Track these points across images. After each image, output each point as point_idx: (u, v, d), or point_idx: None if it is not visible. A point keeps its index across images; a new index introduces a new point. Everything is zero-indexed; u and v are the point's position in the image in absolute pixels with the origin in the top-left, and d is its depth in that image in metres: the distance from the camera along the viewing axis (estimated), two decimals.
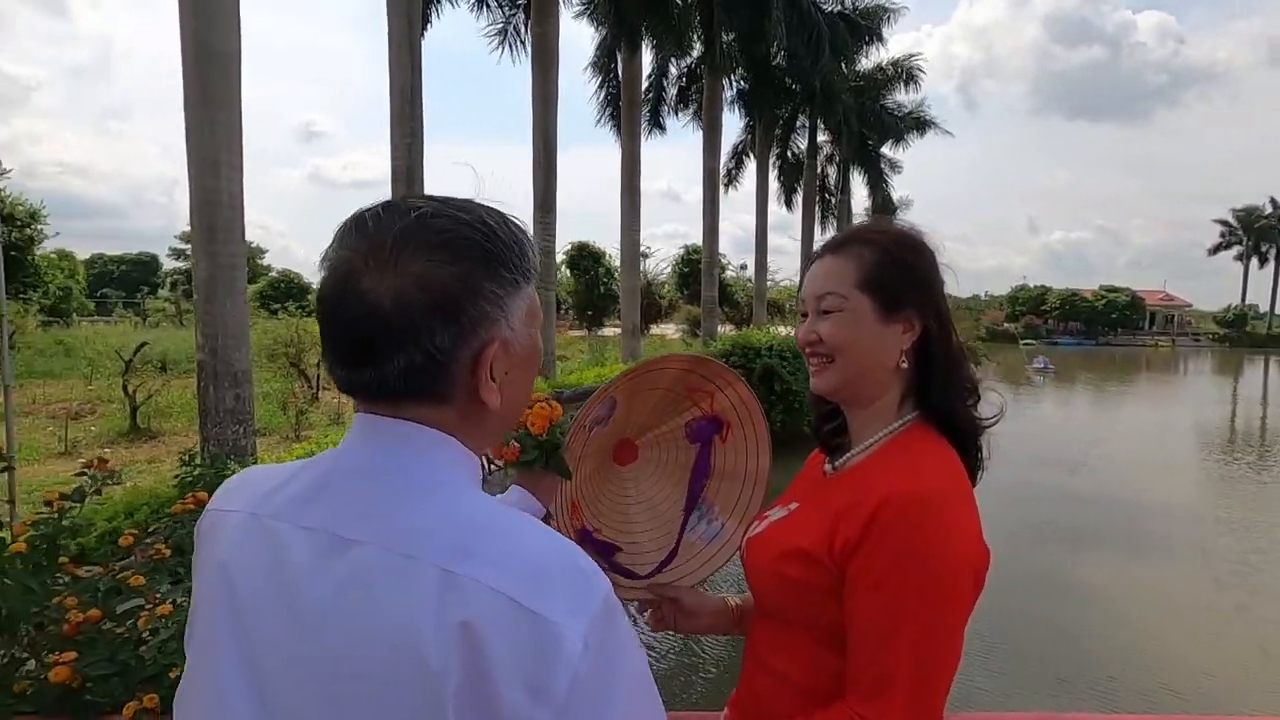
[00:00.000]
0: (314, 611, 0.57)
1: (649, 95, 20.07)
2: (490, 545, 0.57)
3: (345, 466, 0.63)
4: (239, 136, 6.75)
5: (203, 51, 6.43)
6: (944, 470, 0.90)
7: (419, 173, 9.97)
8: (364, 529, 0.58)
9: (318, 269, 0.65)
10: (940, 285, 0.97)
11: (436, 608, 0.53)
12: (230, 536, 0.64)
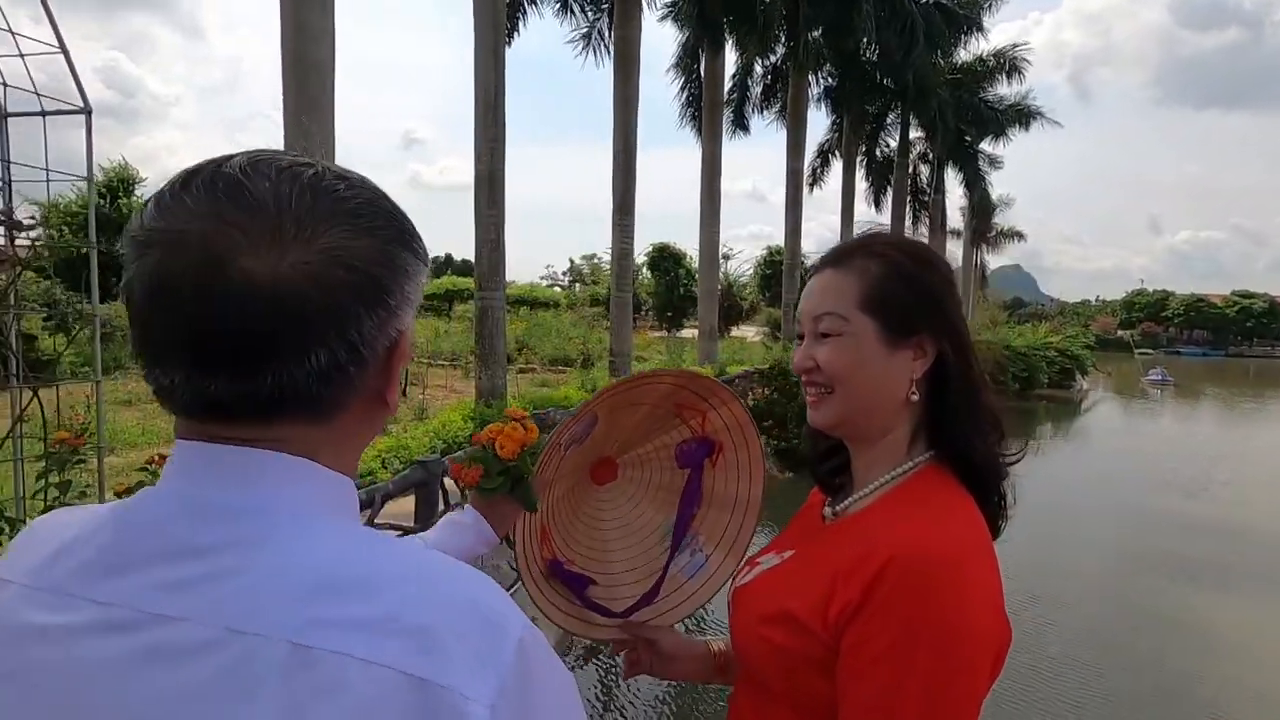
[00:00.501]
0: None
1: (732, 95, 19.83)
2: (364, 602, 0.43)
3: (164, 515, 0.47)
4: (331, 141, 7.09)
5: (299, 62, 6.80)
6: (962, 524, 0.76)
7: (500, 176, 10.21)
8: (184, 601, 0.43)
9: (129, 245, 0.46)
10: (957, 306, 0.83)
11: (280, 701, 0.40)
12: (3, 615, 0.47)
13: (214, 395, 0.46)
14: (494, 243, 10.23)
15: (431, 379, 16.18)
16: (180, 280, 0.44)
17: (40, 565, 0.47)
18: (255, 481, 0.47)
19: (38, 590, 0.46)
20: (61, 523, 0.51)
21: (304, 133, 6.83)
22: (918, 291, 0.81)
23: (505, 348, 10.89)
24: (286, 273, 0.44)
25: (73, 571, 0.46)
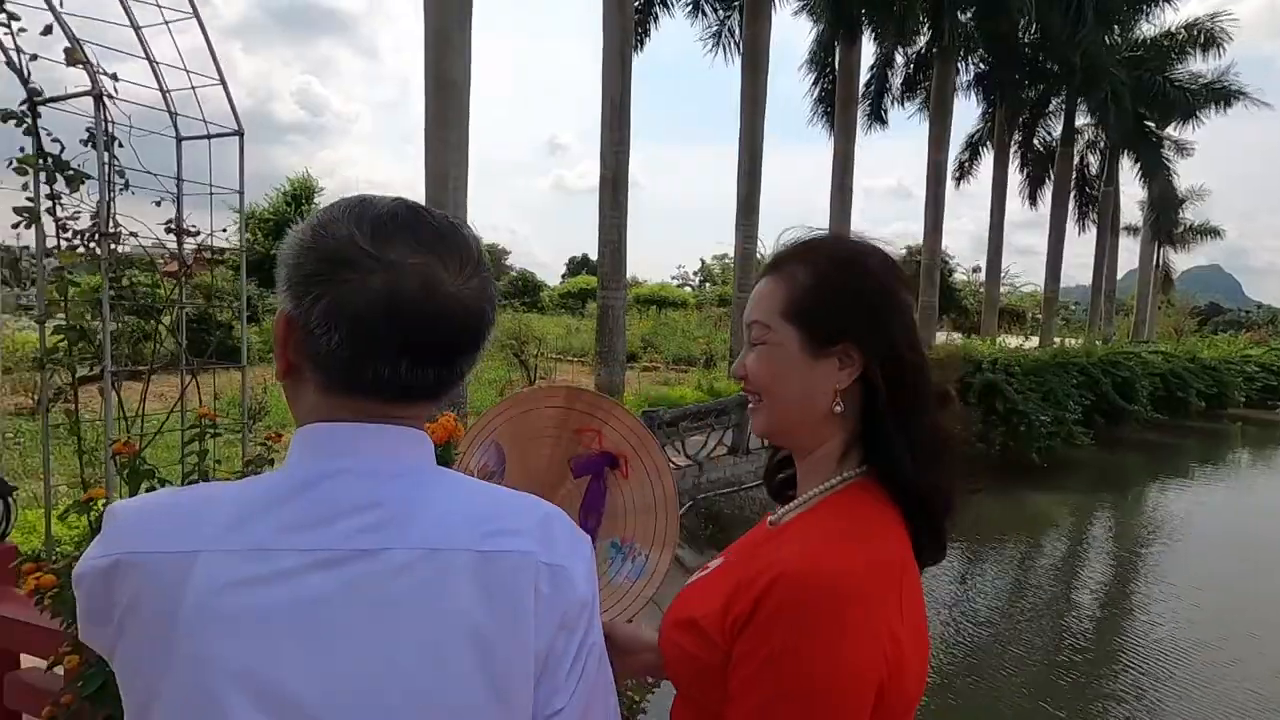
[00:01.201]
0: (337, 627, 0.57)
1: (870, 87, 18.99)
2: (505, 518, 0.64)
3: (357, 479, 0.61)
4: (465, 154, 7.65)
5: (439, 81, 7.39)
6: (865, 547, 0.73)
7: (624, 179, 10.50)
8: (389, 535, 0.59)
9: (345, 266, 0.60)
10: (896, 313, 0.79)
11: (486, 584, 0.60)
12: (201, 580, 0.56)
13: (414, 382, 0.63)
14: (616, 244, 10.54)
15: (560, 374, 16.94)
16: (404, 298, 0.60)
17: (225, 533, 0.58)
18: (403, 450, 0.64)
19: (235, 552, 0.57)
20: (201, 498, 0.62)
21: (441, 146, 7.43)
22: (843, 300, 0.78)
23: (625, 346, 11.18)
24: (471, 295, 0.63)
25: (275, 530, 0.58)
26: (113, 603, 0.58)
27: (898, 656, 0.69)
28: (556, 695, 0.63)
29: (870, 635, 0.68)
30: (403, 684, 0.57)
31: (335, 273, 0.60)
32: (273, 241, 22.63)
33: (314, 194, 23.05)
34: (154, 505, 0.63)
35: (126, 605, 0.58)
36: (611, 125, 10.34)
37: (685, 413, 8.55)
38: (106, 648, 0.61)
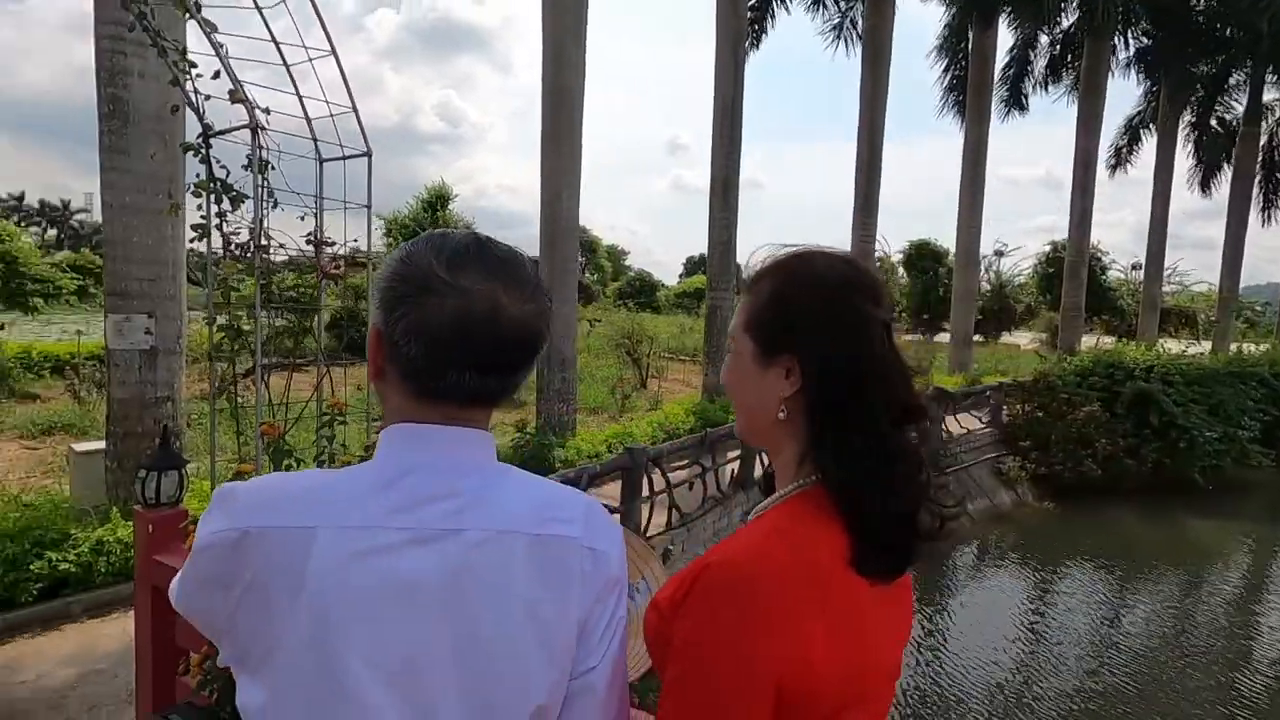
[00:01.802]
0: (425, 593, 0.69)
1: (1008, 71, 17.64)
2: (555, 508, 0.76)
3: (437, 472, 0.73)
4: (578, 161, 7.97)
5: (555, 94, 7.76)
6: (782, 547, 0.75)
7: (735, 179, 10.48)
8: (467, 519, 0.72)
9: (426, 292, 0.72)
10: (840, 327, 0.80)
11: (539, 562, 0.73)
12: (324, 550, 0.68)
13: (484, 389, 0.75)
14: (725, 244, 10.55)
15: (671, 373, 17.14)
16: (476, 317, 0.72)
17: (346, 510, 0.70)
18: (475, 448, 0.77)
19: (348, 528, 0.69)
20: (315, 483, 0.74)
21: (555, 154, 7.80)
22: (790, 312, 0.82)
23: None
24: (531, 318, 0.75)
25: (379, 512, 0.70)
26: (240, 569, 0.68)
27: (804, 657, 0.71)
28: (590, 656, 0.75)
29: (770, 629, 0.70)
30: (476, 640, 0.70)
31: (417, 295, 0.72)
32: None
33: (448, 200, 24.73)
34: (273, 486, 0.74)
35: (253, 571, 0.68)
36: (723, 126, 10.35)
37: None
38: (223, 611, 0.71)
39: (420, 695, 0.68)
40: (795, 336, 0.81)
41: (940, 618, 6.74)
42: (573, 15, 7.65)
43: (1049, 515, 10.07)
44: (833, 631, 0.74)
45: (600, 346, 18.36)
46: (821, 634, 0.72)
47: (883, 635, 0.81)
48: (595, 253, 44.36)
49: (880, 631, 0.80)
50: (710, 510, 6.54)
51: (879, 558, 0.78)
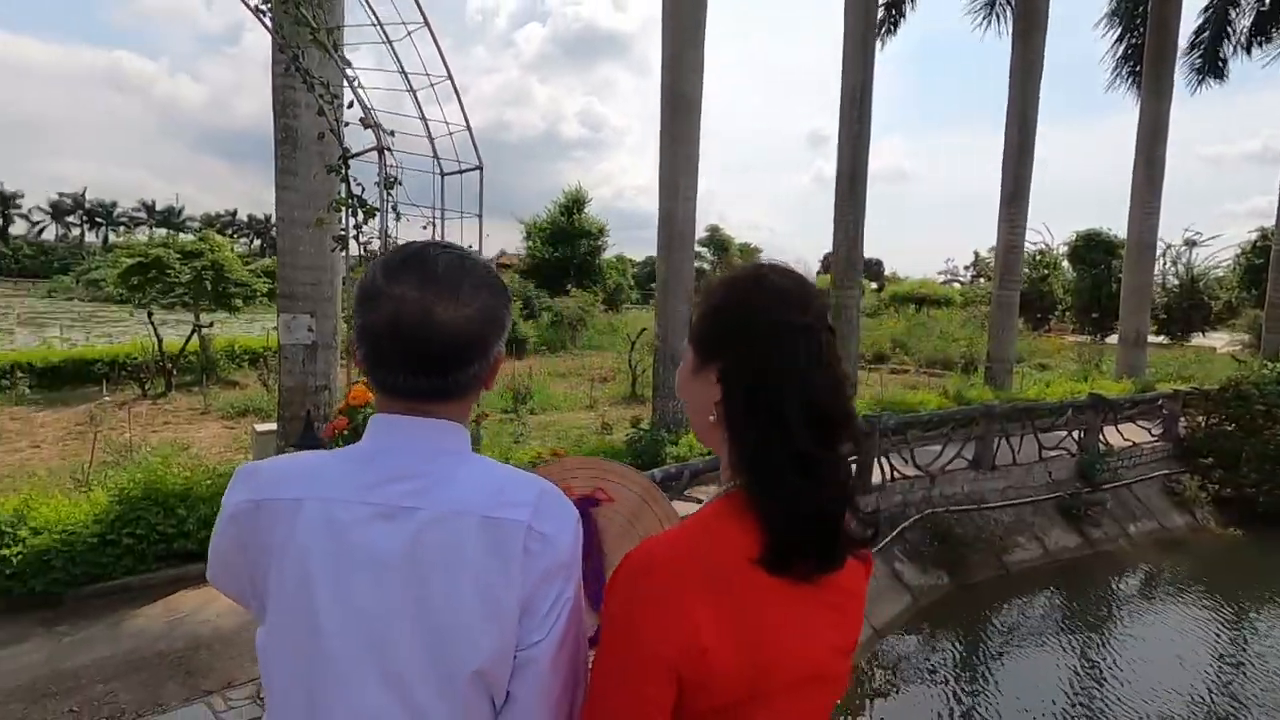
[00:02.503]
0: (387, 561, 0.81)
1: (1201, 34, 15.42)
2: (507, 493, 0.84)
3: (405, 457, 0.85)
4: (695, 166, 8.06)
5: (673, 97, 7.89)
6: (688, 541, 0.81)
7: (862, 172, 10.07)
8: (424, 499, 0.82)
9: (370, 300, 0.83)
10: (752, 335, 0.83)
11: (486, 540, 0.81)
12: (308, 519, 0.82)
13: (419, 387, 0.84)
14: (852, 240, 10.18)
15: None
16: (405, 323, 0.81)
17: (328, 485, 0.83)
18: (442, 438, 0.86)
19: (331, 500, 0.82)
20: (310, 463, 0.87)
21: (672, 158, 7.93)
22: (714, 324, 0.88)
23: (859, 347, 10.73)
24: (462, 321, 0.82)
25: (353, 489, 0.83)
26: (253, 533, 0.84)
27: (695, 644, 0.77)
28: (535, 632, 0.82)
29: (661, 613, 0.77)
30: (426, 603, 0.80)
31: (366, 303, 0.84)
32: (551, 248, 26.05)
33: (584, 203, 25.82)
34: (282, 464, 0.88)
35: (261, 535, 0.83)
36: (850, 117, 9.98)
37: (916, 420, 7.98)
38: (245, 573, 0.86)
39: (380, 646, 0.80)
40: (720, 346, 0.86)
41: (1103, 649, 6.07)
42: (691, 21, 7.75)
43: (1236, 543, 8.72)
44: (728, 623, 0.78)
45: None
46: (714, 623, 0.77)
47: (798, 635, 0.83)
48: (727, 251, 44.14)
49: (795, 631, 0.83)
50: None
51: (787, 558, 0.81)
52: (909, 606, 6.40)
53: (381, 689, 0.80)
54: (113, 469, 6.03)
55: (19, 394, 10.53)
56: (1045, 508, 8.16)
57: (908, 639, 6.18)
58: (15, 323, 23.36)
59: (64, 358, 11.91)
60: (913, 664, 5.78)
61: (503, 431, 9.38)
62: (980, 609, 6.80)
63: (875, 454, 6.98)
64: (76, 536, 4.33)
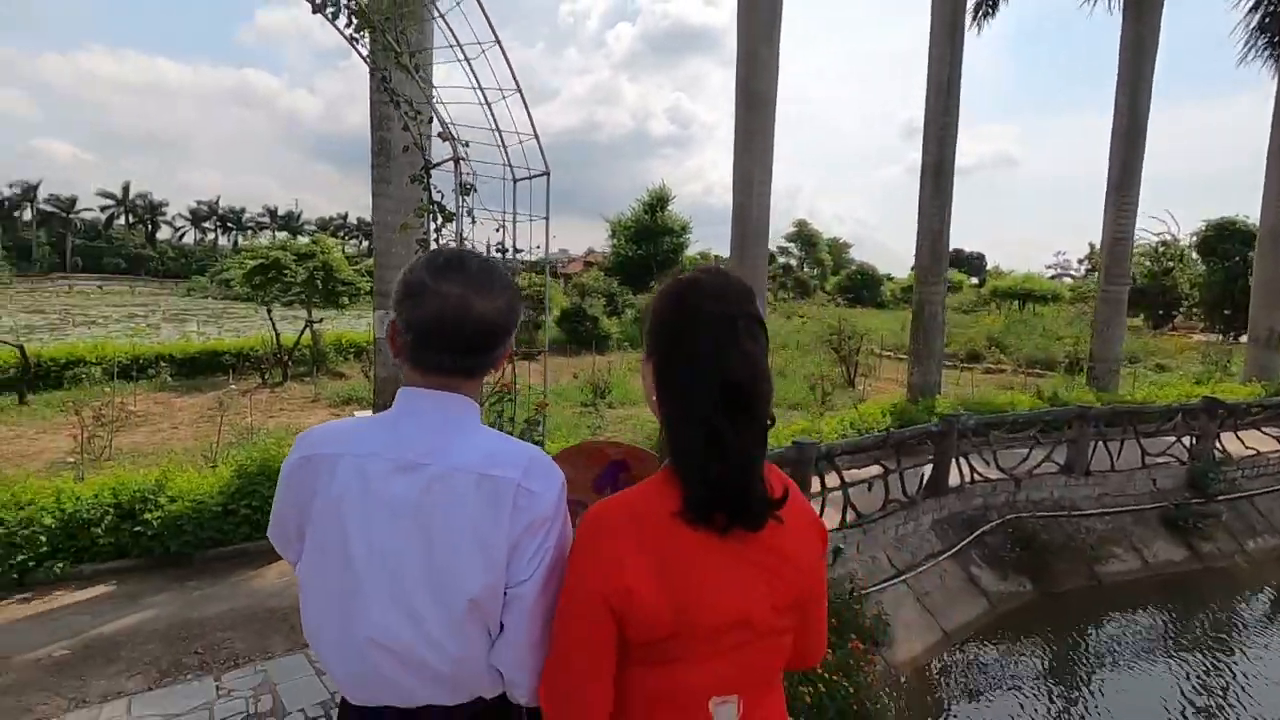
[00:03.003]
0: (403, 505, 1.01)
1: None
2: (502, 457, 1.02)
3: (425, 424, 1.05)
4: (769, 162, 8.07)
5: (747, 93, 7.93)
6: (622, 502, 0.99)
7: (949, 164, 9.71)
8: (445, 457, 1.02)
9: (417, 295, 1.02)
10: (668, 329, 0.98)
11: (483, 494, 1.00)
12: (344, 471, 1.03)
13: (453, 366, 1.05)
14: (937, 234, 9.85)
15: (886, 372, 16.26)
16: (449, 313, 1.02)
17: (360, 444, 1.04)
18: (455, 409, 1.06)
19: (362, 456, 1.02)
20: (348, 426, 1.09)
21: (746, 155, 7.98)
22: (645, 322, 1.05)
23: (943, 345, 10.36)
24: (494, 313, 1.04)
25: (380, 446, 1.03)
26: (305, 483, 1.05)
27: (623, 585, 0.93)
28: (521, 572, 1.01)
29: (598, 560, 0.95)
30: (431, 542, 0.99)
31: (413, 299, 1.04)
32: (635, 246, 26.45)
33: (667, 201, 25.99)
34: (329, 428, 1.09)
35: (310, 483, 1.04)
36: (936, 108, 9.64)
37: (999, 420, 7.65)
38: (294, 521, 1.07)
39: (395, 575, 1.01)
40: (651, 340, 1.03)
41: (1222, 673, 5.59)
42: (766, 17, 7.76)
43: None
44: (653, 570, 0.94)
45: (809, 343, 18.02)
46: (640, 569, 0.94)
47: (721, 585, 0.97)
48: (815, 247, 43.17)
49: (718, 581, 0.97)
50: (892, 514, 6.27)
51: (699, 512, 0.95)
52: (986, 612, 6.19)
53: (395, 611, 1.01)
54: (235, 449, 6.77)
55: (161, 381, 11.88)
56: (1147, 517, 7.63)
57: (986, 647, 5.98)
58: (161, 319, 26.18)
59: (199, 350, 13.31)
60: (993, 672, 5.60)
61: (580, 423, 9.71)
62: (1069, 620, 6.47)
63: (952, 455, 6.78)
64: (204, 505, 4.95)
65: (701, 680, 0.98)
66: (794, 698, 3.21)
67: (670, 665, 0.97)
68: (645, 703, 0.98)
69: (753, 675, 1.03)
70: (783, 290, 35.78)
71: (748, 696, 1.02)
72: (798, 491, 1.09)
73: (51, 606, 4.27)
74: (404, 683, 1.03)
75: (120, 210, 71.24)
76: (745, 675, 1.02)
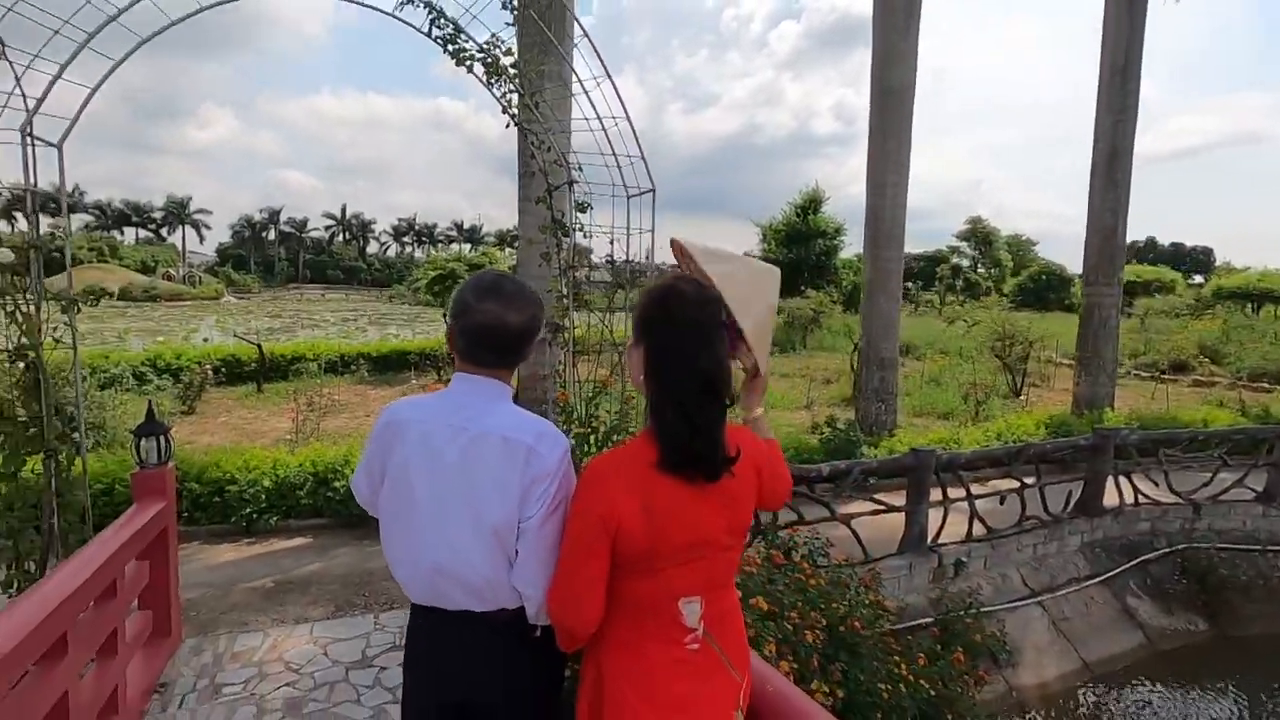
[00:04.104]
0: (457, 459, 1.39)
1: None
2: (531, 430, 1.38)
3: (469, 399, 1.43)
4: (906, 161, 7.86)
5: (882, 91, 7.79)
6: (612, 459, 1.33)
7: (1125, 153, 8.76)
8: (479, 423, 1.40)
9: (464, 312, 1.43)
10: (656, 327, 1.28)
11: (516, 454, 1.37)
12: (413, 432, 1.42)
13: (493, 362, 1.47)
14: (1109, 231, 8.95)
15: (1060, 382, 14.79)
16: (492, 323, 1.43)
17: (424, 413, 1.44)
18: (492, 390, 1.45)
19: (425, 422, 1.43)
20: (419, 400, 1.49)
21: (881, 154, 7.83)
22: (638, 316, 1.35)
23: (1116, 353, 9.32)
24: (522, 324, 1.46)
25: (440, 413, 1.43)
26: (386, 441, 1.44)
27: (615, 513, 1.25)
28: (529, 510, 1.37)
29: (598, 494, 1.28)
30: (468, 485, 1.41)
31: (462, 313, 1.44)
32: (785, 250, 26.07)
33: (820, 203, 25.34)
34: (408, 401, 1.48)
35: (390, 441, 1.43)
36: (1110, 90, 8.74)
37: (1171, 437, 6.80)
38: (379, 470, 1.45)
39: (446, 505, 1.42)
40: (643, 332, 1.34)
41: None
42: (903, 12, 7.58)
43: None
44: (636, 503, 1.27)
45: (973, 349, 16.80)
46: (626, 502, 1.26)
47: (686, 515, 1.28)
48: (991, 245, 39.49)
49: (684, 513, 1.28)
50: (1029, 531, 5.87)
51: (671, 465, 1.27)
52: (1141, 647, 5.60)
53: (444, 540, 1.42)
54: None
55: (360, 375, 13.91)
56: None
57: (1141, 686, 5.43)
58: (367, 322, 30.24)
59: (390, 349, 15.36)
60: (1157, 715, 5.09)
61: None
62: (1260, 670, 5.66)
63: (1108, 473, 6.16)
64: None
65: (671, 586, 1.30)
66: (869, 693, 3.29)
67: (649, 575, 1.30)
68: (631, 605, 1.31)
69: (712, 581, 1.34)
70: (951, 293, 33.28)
71: (708, 597, 1.33)
72: (748, 448, 1.37)
73: (267, 550, 5.39)
74: (449, 593, 1.44)
75: (339, 228, 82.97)
76: (705, 581, 1.33)
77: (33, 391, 3.22)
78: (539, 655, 1.46)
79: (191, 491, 5.64)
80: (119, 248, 57.05)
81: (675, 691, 1.29)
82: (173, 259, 62.26)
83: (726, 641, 1.35)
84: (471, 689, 1.47)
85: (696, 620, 1.31)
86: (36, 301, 3.19)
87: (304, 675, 3.31)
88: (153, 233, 72.21)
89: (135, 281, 42.83)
